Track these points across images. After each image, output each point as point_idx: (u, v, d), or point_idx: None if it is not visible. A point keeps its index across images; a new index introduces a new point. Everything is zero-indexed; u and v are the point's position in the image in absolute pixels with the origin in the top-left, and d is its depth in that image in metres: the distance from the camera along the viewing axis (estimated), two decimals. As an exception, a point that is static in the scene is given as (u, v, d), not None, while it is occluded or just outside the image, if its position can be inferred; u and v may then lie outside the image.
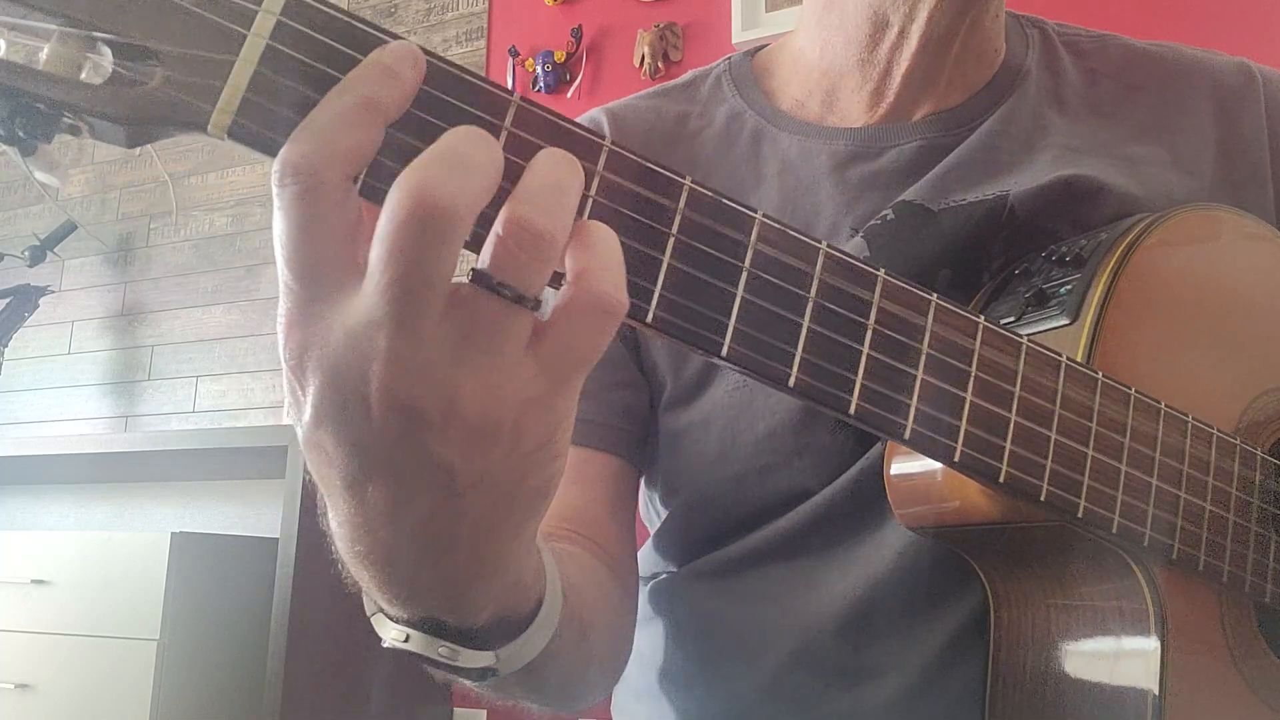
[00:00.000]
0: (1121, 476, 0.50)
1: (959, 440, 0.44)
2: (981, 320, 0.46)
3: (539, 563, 0.44)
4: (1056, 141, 0.68)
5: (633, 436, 0.70)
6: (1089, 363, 0.52)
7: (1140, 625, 0.51)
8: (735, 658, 0.66)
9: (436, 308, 0.31)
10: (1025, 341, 0.47)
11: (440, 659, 0.40)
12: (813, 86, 0.72)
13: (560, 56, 2.49)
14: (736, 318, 0.38)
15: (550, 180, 0.33)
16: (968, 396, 0.45)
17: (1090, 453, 0.49)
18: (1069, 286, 0.55)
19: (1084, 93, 0.72)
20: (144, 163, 3.04)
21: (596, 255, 0.33)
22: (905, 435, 0.43)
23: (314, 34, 0.32)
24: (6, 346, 2.71)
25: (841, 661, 0.62)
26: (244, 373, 2.75)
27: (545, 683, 0.48)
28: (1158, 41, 0.76)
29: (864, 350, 0.41)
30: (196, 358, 2.82)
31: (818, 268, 0.40)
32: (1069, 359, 0.49)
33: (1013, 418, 0.46)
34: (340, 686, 1.97)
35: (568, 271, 0.33)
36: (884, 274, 0.42)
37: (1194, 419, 0.53)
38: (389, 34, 0.33)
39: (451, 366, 0.32)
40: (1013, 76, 0.71)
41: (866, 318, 0.42)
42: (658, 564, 0.75)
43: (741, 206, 0.39)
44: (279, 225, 0.31)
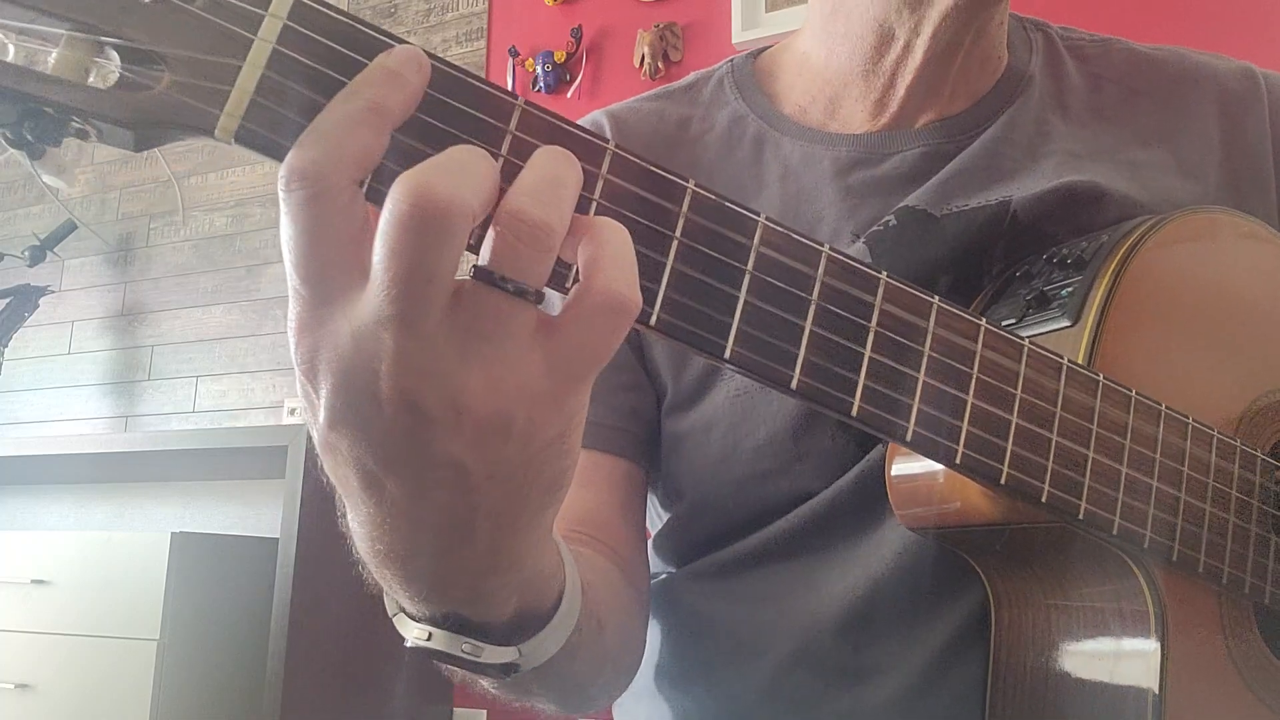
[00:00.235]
0: (1122, 478, 0.50)
1: (960, 442, 0.45)
2: (983, 323, 0.46)
3: (557, 557, 0.45)
4: (1059, 147, 0.68)
5: (641, 439, 0.70)
6: (1090, 365, 0.52)
7: (1140, 626, 0.51)
8: (735, 658, 0.66)
9: (440, 304, 0.31)
10: (1026, 344, 0.47)
11: (464, 656, 0.41)
12: (816, 92, 0.72)
13: (560, 57, 2.49)
14: (739, 320, 0.38)
15: (546, 173, 0.33)
16: (969, 398, 0.45)
17: (1091, 454, 0.49)
18: (1070, 289, 0.55)
19: (1087, 97, 0.72)
20: (144, 163, 3.04)
21: (607, 252, 0.33)
22: (907, 437, 0.43)
23: (320, 38, 0.32)
24: (6, 346, 2.71)
25: (841, 662, 0.61)
26: (244, 373, 2.75)
27: (564, 681, 0.49)
28: (1161, 45, 0.76)
29: (866, 352, 0.41)
30: (196, 358, 2.82)
31: (820, 270, 0.40)
32: (1070, 361, 0.49)
33: (1014, 419, 0.46)
34: (340, 686, 1.97)
35: (580, 270, 0.33)
36: (886, 276, 0.42)
37: (1194, 421, 0.53)
38: (394, 38, 0.33)
39: (458, 362, 0.32)
40: (1016, 82, 0.71)
41: (868, 320, 0.42)
42: (657, 565, 0.75)
43: (744, 209, 0.39)
44: (286, 230, 0.31)
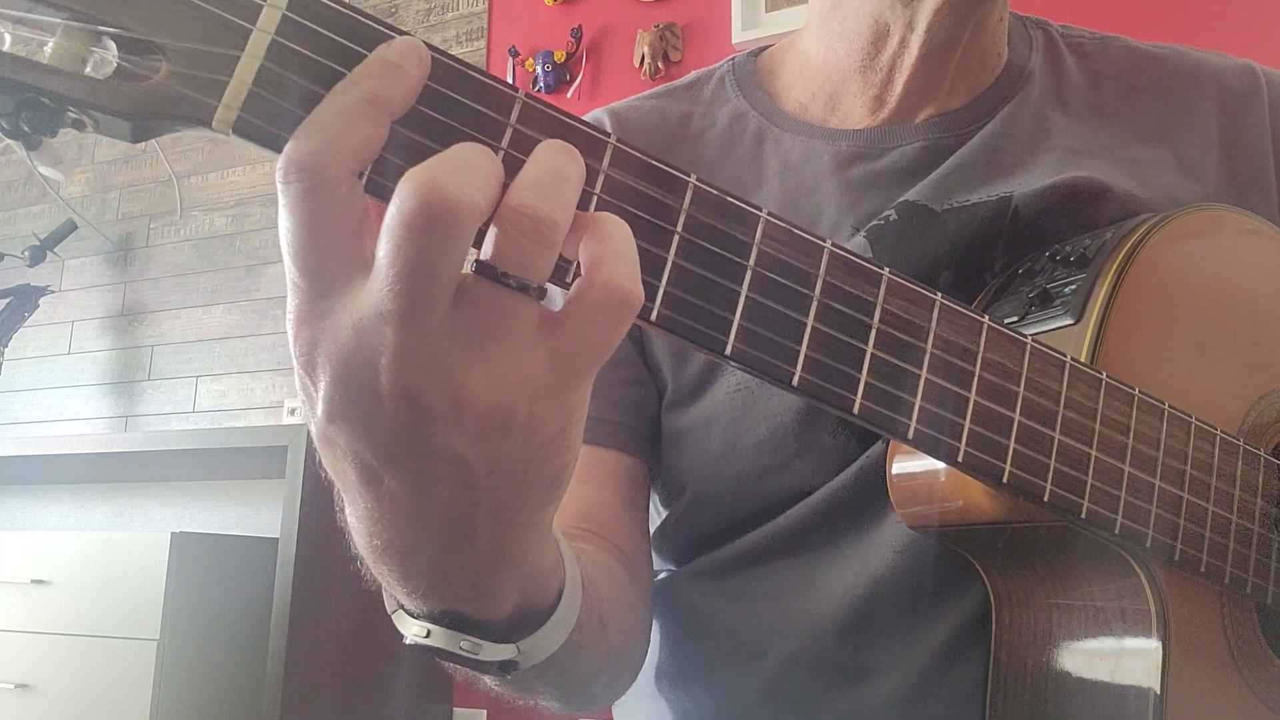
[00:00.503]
0: (1125, 477, 0.49)
1: (963, 440, 0.44)
2: (986, 320, 0.45)
3: (557, 554, 0.44)
4: (1060, 143, 0.68)
5: (643, 434, 0.70)
6: (1093, 363, 0.51)
7: (1142, 625, 0.51)
8: (736, 658, 0.66)
9: (443, 301, 0.31)
10: (1029, 341, 0.47)
11: (462, 653, 0.40)
12: (815, 89, 0.73)
13: (560, 56, 2.49)
14: (741, 316, 0.38)
15: (549, 168, 0.33)
16: (971, 396, 0.45)
17: (1094, 453, 0.48)
18: (1073, 287, 0.55)
19: (1087, 94, 0.72)
20: (144, 163, 3.04)
21: (609, 247, 0.33)
22: (909, 435, 0.43)
23: (319, 29, 0.32)
24: (6, 346, 2.71)
25: (842, 661, 0.61)
26: (244, 373, 2.75)
27: (565, 678, 0.48)
28: (1161, 43, 0.76)
29: (868, 349, 0.41)
30: (196, 358, 2.82)
31: (822, 266, 0.40)
32: (1073, 359, 0.48)
33: (1016, 418, 0.46)
34: (340, 686, 1.97)
35: (582, 264, 0.33)
36: (888, 273, 0.42)
37: (1198, 420, 0.53)
38: (394, 29, 0.33)
39: (460, 358, 0.32)
40: (1016, 79, 0.71)
41: (871, 317, 0.41)
42: (656, 562, 0.75)
43: (746, 205, 0.38)
44: (284, 222, 0.31)
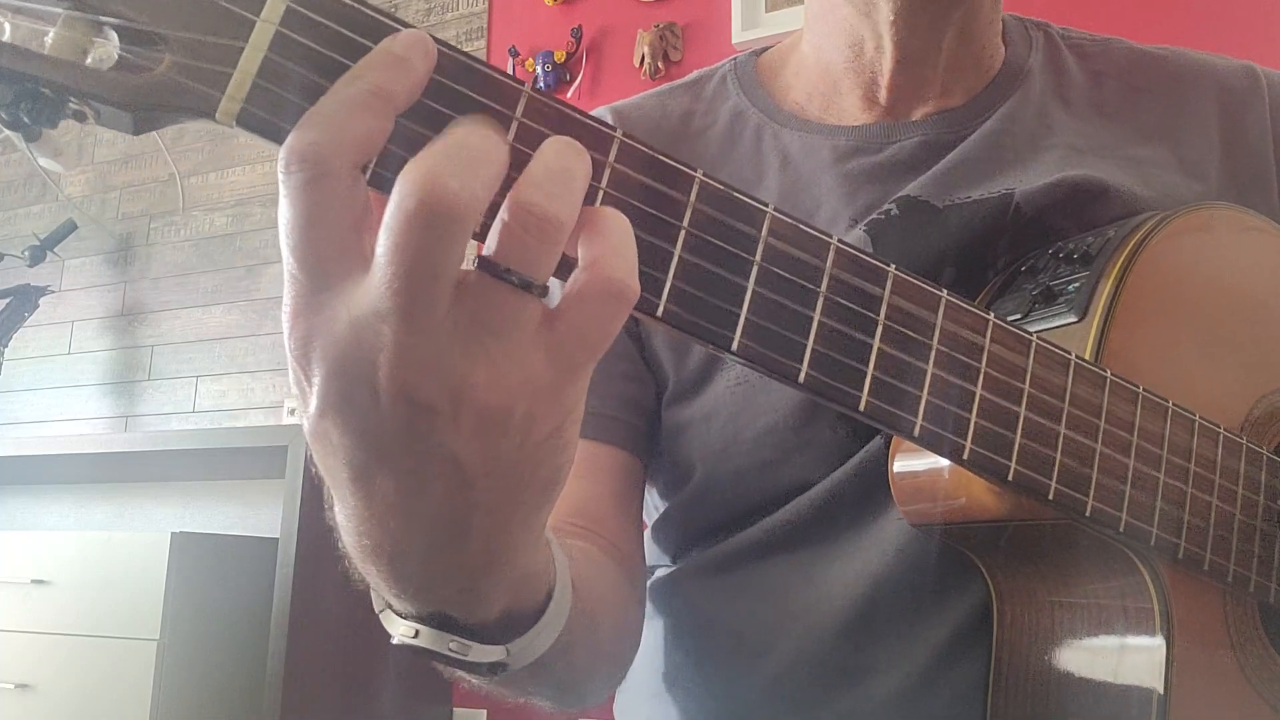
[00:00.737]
0: (1129, 475, 0.49)
1: (968, 438, 0.44)
2: (991, 317, 0.45)
3: (548, 555, 0.44)
4: (1061, 141, 0.68)
5: (639, 430, 0.70)
6: (1097, 361, 0.51)
7: (1146, 623, 0.51)
8: (737, 657, 0.65)
9: (444, 298, 0.31)
10: (1034, 339, 0.47)
11: (451, 654, 0.40)
12: (813, 88, 0.73)
13: (560, 56, 2.49)
14: (747, 312, 0.38)
15: (556, 165, 0.32)
16: (977, 393, 0.44)
17: (1099, 451, 0.48)
18: (1077, 284, 0.55)
19: (1089, 93, 0.72)
20: (144, 163, 3.04)
21: (608, 241, 0.33)
22: (915, 432, 0.43)
23: (324, 20, 0.32)
24: (6, 346, 2.71)
25: (843, 660, 0.61)
26: (244, 373, 2.75)
27: (555, 678, 0.48)
28: (1162, 45, 0.76)
29: (874, 345, 0.41)
30: (196, 358, 2.82)
31: (829, 262, 0.40)
32: (1078, 357, 0.48)
33: (1021, 415, 0.46)
34: (340, 686, 1.97)
35: (579, 258, 0.33)
36: (895, 270, 0.42)
37: (1201, 418, 0.53)
38: (400, 22, 0.32)
39: (460, 356, 0.31)
40: (1014, 77, 0.72)
41: (877, 313, 0.41)
42: (656, 557, 0.75)
43: (753, 200, 0.38)
44: (285, 213, 0.31)
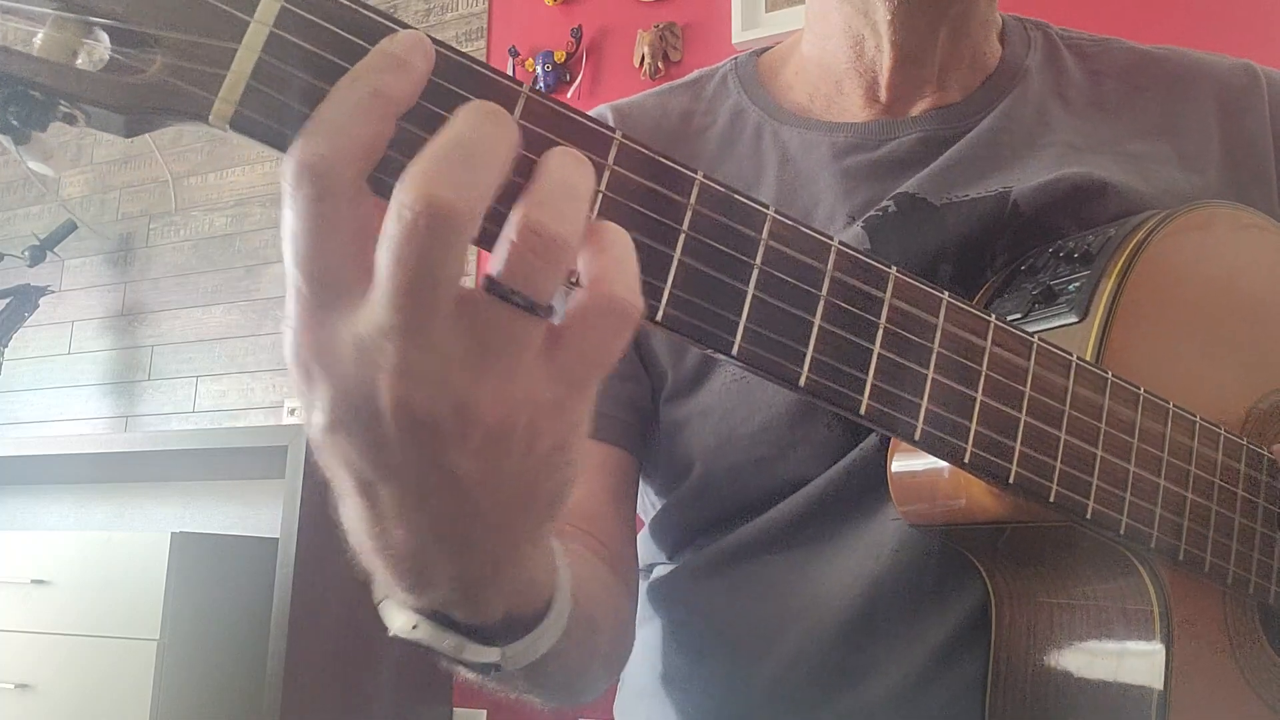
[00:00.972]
0: (1130, 477, 0.49)
1: (969, 441, 0.44)
2: (993, 319, 0.45)
3: (551, 563, 0.44)
4: (1059, 139, 0.68)
5: (635, 428, 0.70)
6: (1098, 361, 0.51)
7: (1145, 626, 0.51)
8: (736, 657, 0.65)
9: (446, 311, 0.30)
10: (1036, 341, 0.47)
11: (447, 651, 0.40)
12: (813, 87, 0.74)
13: (560, 56, 2.48)
14: (748, 316, 0.37)
15: (562, 182, 0.32)
16: (978, 396, 0.44)
17: (1099, 453, 0.48)
18: (1077, 284, 0.55)
19: (1088, 91, 0.72)
20: (144, 163, 3.03)
21: (611, 258, 0.32)
22: (916, 436, 0.42)
23: (319, 21, 0.31)
24: (6, 346, 2.71)
25: (842, 660, 0.61)
26: (244, 373, 2.75)
27: (549, 678, 0.48)
28: (1160, 45, 0.76)
29: (875, 349, 0.40)
30: (196, 358, 2.82)
31: (829, 265, 0.39)
32: (1079, 359, 0.48)
33: (1023, 418, 0.46)
34: (340, 686, 1.97)
35: (582, 275, 0.32)
36: (896, 272, 0.42)
37: (1201, 419, 0.53)
38: (396, 21, 0.32)
39: (464, 374, 0.31)
40: (1012, 75, 0.72)
41: (878, 316, 0.41)
42: (653, 554, 0.75)
43: (753, 202, 0.38)
44: (291, 226, 0.30)
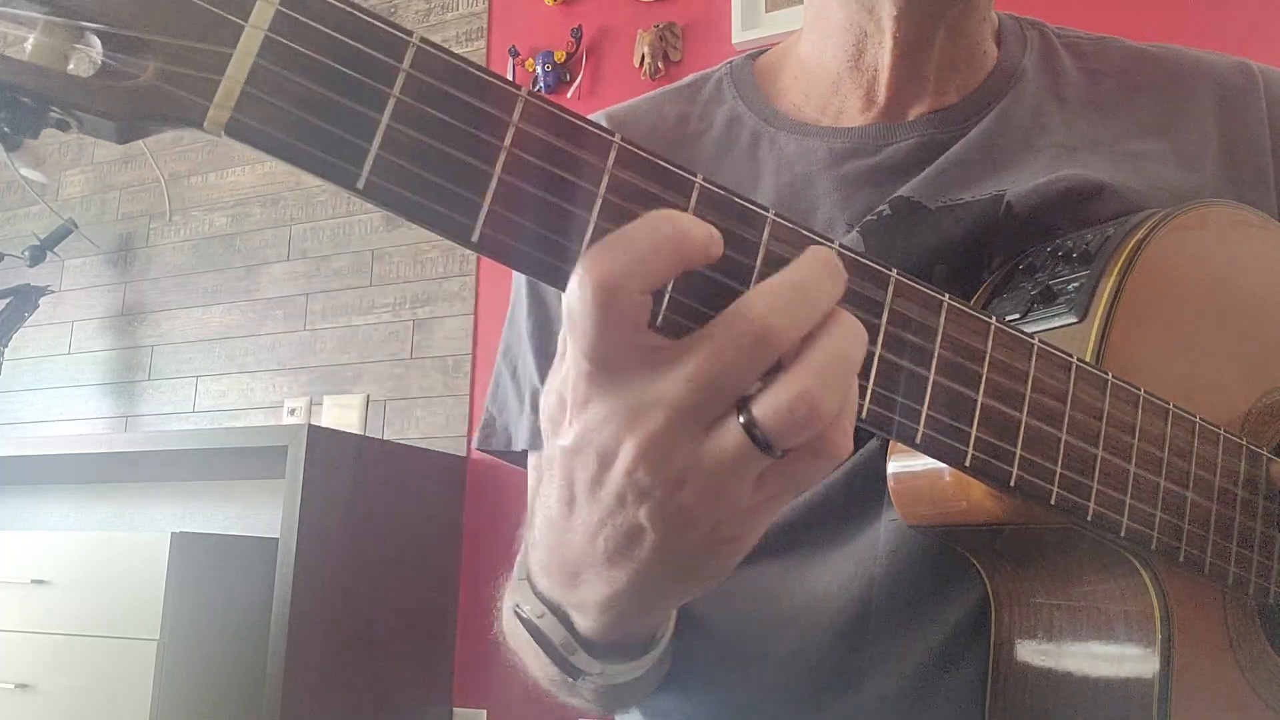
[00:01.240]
0: (1130, 479, 0.49)
1: (970, 444, 0.43)
2: (993, 321, 0.45)
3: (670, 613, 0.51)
4: (1055, 140, 0.68)
5: None
6: (1098, 362, 0.51)
7: (1145, 627, 0.51)
8: (733, 661, 0.65)
9: (722, 409, 0.34)
10: (1036, 342, 0.46)
11: (557, 647, 0.47)
12: (811, 90, 0.73)
13: (560, 56, 2.48)
14: None
15: (843, 355, 0.35)
16: (979, 399, 0.44)
17: (1100, 455, 0.48)
18: (1076, 284, 0.55)
19: (1084, 91, 0.72)
20: (145, 163, 3.03)
21: (844, 408, 0.35)
22: (916, 439, 0.42)
23: (315, 25, 0.31)
24: (6, 346, 2.71)
25: (840, 663, 0.61)
26: (244, 373, 2.75)
27: (617, 695, 0.54)
28: (1157, 43, 0.76)
29: (876, 352, 0.40)
30: (196, 358, 2.82)
31: (843, 289, 0.39)
32: (1079, 360, 0.48)
33: (1023, 420, 0.45)
34: (340, 686, 1.97)
35: None
36: (896, 274, 0.41)
37: (1201, 419, 0.53)
38: (392, 24, 0.32)
39: (689, 465, 0.35)
40: (1008, 76, 0.71)
41: (879, 319, 0.40)
42: None
43: (753, 205, 0.38)
44: (579, 320, 0.33)
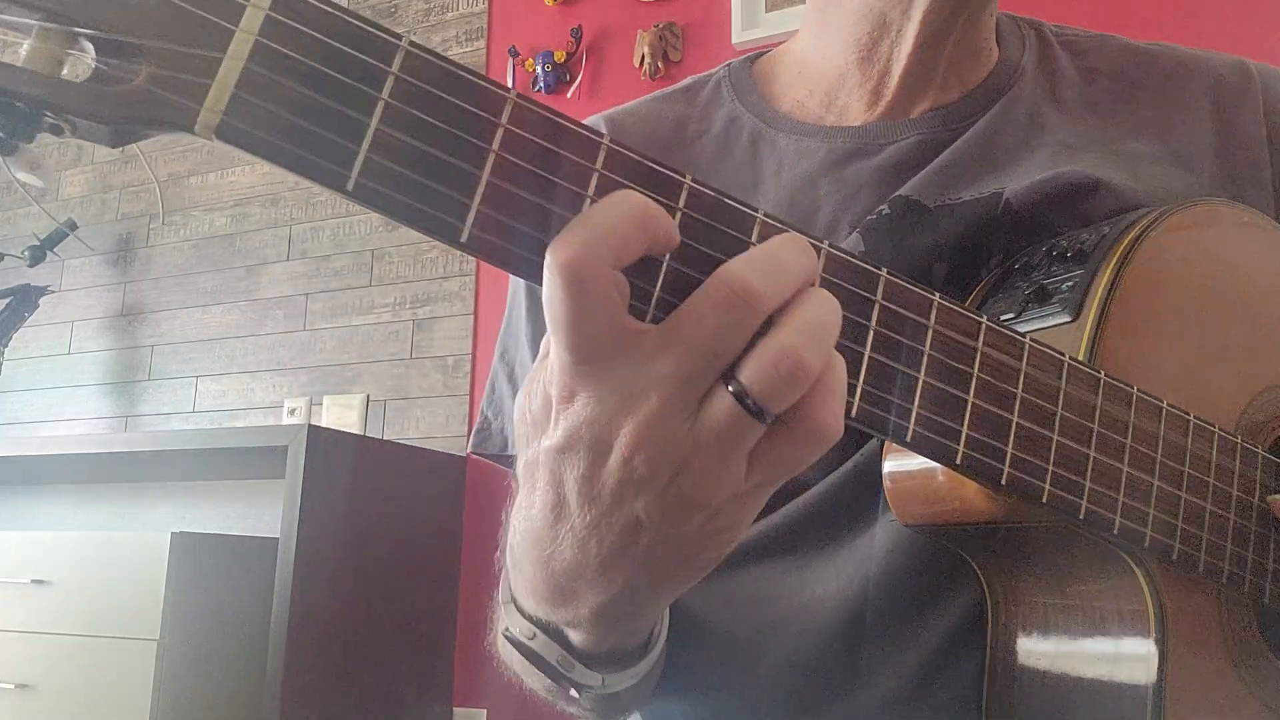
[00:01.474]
0: (1123, 477, 0.49)
1: (961, 442, 0.44)
2: (984, 320, 0.45)
3: (663, 613, 0.50)
4: (1053, 139, 0.68)
5: None
6: (1091, 361, 0.51)
7: (1140, 625, 0.51)
8: (732, 662, 0.65)
9: (713, 378, 0.34)
10: (1028, 341, 0.47)
11: (553, 664, 0.46)
12: (812, 88, 0.73)
13: (560, 57, 2.48)
14: None
15: (819, 319, 0.35)
16: (970, 398, 0.44)
17: (1092, 454, 0.48)
18: (1070, 283, 0.55)
19: (1081, 90, 0.72)
20: (144, 163, 3.03)
21: (826, 385, 0.35)
22: (907, 438, 0.42)
23: (305, 29, 0.31)
24: (6, 346, 2.71)
25: (838, 664, 0.61)
26: (244, 373, 2.75)
27: (617, 702, 0.53)
28: (1155, 41, 0.76)
29: (865, 352, 0.40)
30: (196, 358, 2.82)
31: (820, 267, 0.39)
32: (1071, 359, 0.48)
33: (1015, 419, 0.45)
34: (340, 686, 1.97)
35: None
36: (886, 274, 0.41)
37: (1195, 417, 0.53)
38: (383, 29, 0.32)
39: (687, 446, 0.35)
40: (1008, 74, 0.71)
41: (869, 319, 0.41)
42: None
43: (742, 205, 0.38)
44: (553, 306, 0.33)
